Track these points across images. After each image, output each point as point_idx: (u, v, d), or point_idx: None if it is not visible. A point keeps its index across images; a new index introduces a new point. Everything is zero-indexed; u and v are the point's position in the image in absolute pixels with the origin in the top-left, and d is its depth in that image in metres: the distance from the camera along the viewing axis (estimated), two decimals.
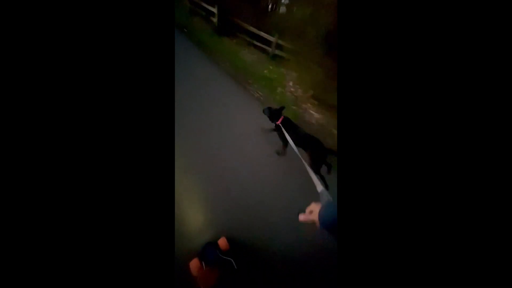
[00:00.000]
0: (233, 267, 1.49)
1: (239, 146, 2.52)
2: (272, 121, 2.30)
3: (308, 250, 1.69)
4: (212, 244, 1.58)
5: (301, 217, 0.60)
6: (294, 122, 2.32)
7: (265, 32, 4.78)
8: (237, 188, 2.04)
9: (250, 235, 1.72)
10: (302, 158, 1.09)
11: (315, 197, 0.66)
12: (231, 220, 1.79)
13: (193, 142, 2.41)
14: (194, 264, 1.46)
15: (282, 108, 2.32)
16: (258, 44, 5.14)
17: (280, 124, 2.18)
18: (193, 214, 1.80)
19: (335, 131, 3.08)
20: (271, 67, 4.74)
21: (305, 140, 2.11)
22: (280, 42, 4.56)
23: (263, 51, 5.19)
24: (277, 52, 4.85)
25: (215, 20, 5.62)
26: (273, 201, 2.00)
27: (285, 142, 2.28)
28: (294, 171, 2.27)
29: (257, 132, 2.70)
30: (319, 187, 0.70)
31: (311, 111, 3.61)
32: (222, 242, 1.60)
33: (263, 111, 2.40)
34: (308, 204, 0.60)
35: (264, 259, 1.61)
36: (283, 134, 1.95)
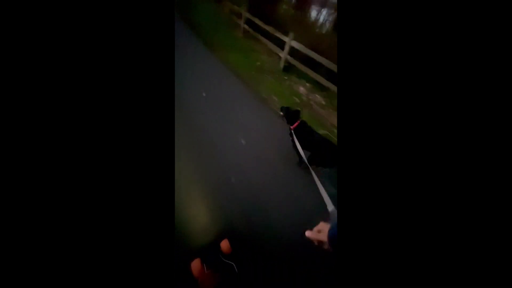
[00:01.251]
0: (234, 271, 1.39)
1: (246, 148, 2.43)
2: (288, 123, 2.13)
3: (311, 257, 1.52)
4: (214, 246, 1.49)
5: (308, 233, 0.58)
6: (311, 127, 2.13)
7: None
8: (242, 190, 1.94)
9: (253, 238, 1.62)
10: (314, 174, 1.02)
11: (321, 202, 0.70)
12: (234, 222, 1.69)
13: (195, 143, 2.35)
14: (195, 265, 1.36)
15: (299, 111, 2.15)
16: None
17: (293, 131, 2.03)
18: (197, 214, 1.74)
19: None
20: None
21: (319, 145, 1.99)
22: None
23: None
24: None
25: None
26: (279, 204, 1.89)
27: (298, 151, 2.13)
28: (303, 176, 2.18)
29: (266, 133, 2.66)
30: (330, 206, 0.69)
31: None
32: (225, 244, 1.49)
33: (281, 109, 2.23)
34: (315, 214, 0.65)
35: (266, 264, 1.50)
36: (294, 141, 1.89)
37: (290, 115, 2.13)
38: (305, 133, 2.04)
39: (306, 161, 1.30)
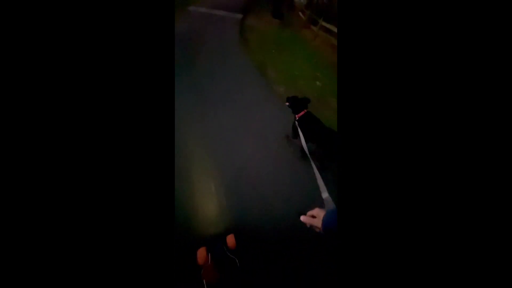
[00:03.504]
0: (236, 266, 1.43)
1: (251, 142, 2.45)
2: (294, 113, 2.05)
3: (314, 256, 1.59)
4: (220, 239, 1.56)
5: (303, 218, 0.61)
6: (316, 117, 2.00)
7: None
8: (249, 188, 1.97)
9: (258, 236, 1.67)
10: (312, 161, 1.06)
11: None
12: (242, 219, 1.75)
13: (196, 141, 2.37)
14: (201, 253, 1.43)
15: (308, 100, 2.06)
16: None
17: (296, 122, 1.97)
18: (206, 206, 1.82)
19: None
20: None
21: (325, 136, 1.83)
22: None
23: None
24: None
25: None
26: (284, 200, 1.91)
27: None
28: (308, 171, 2.09)
29: (271, 126, 2.65)
30: (325, 193, 0.71)
31: None
32: (230, 239, 1.55)
33: (287, 99, 2.14)
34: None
35: (268, 262, 1.55)
36: (298, 131, 1.71)
37: (297, 103, 2.02)
38: (310, 123, 1.91)
39: (307, 151, 1.23)
